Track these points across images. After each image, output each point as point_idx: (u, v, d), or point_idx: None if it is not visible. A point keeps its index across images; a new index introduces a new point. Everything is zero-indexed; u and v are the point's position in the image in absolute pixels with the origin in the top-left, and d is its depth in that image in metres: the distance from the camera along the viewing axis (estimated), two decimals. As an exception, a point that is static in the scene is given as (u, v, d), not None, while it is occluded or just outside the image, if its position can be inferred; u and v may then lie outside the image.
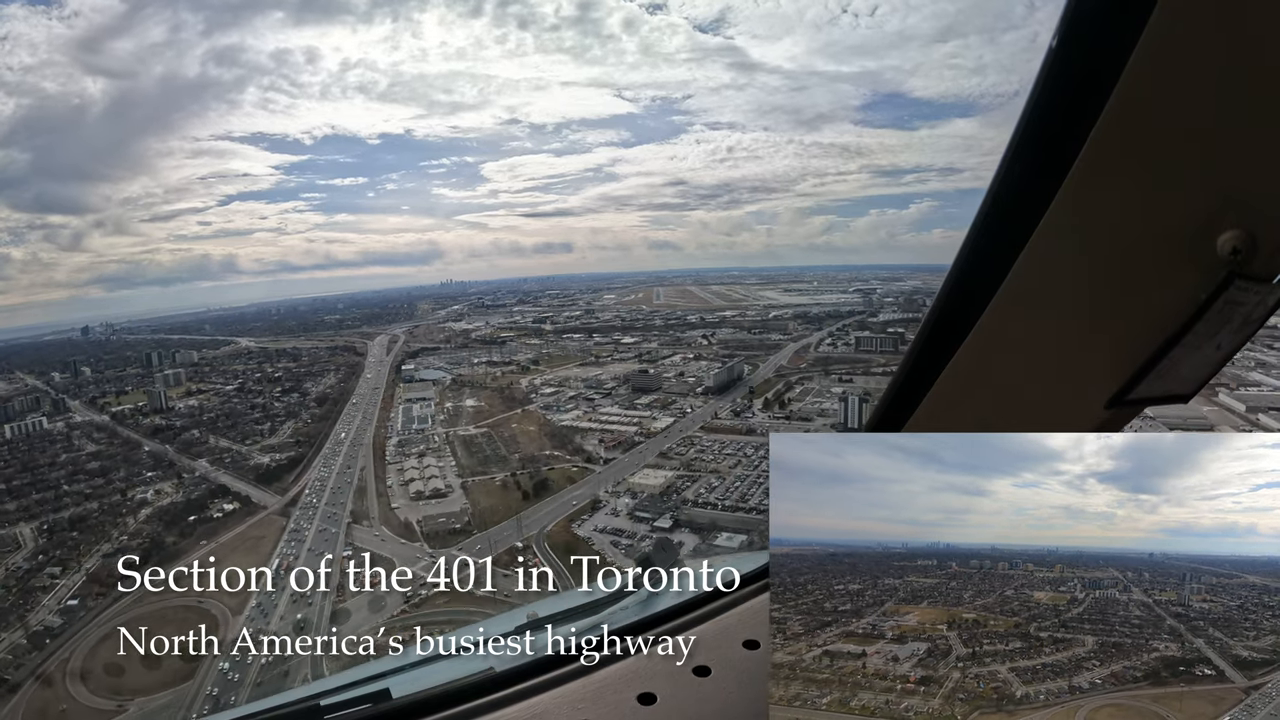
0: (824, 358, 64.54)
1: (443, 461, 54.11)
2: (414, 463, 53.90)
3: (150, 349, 72.55)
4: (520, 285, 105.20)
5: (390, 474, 52.18)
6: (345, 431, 58.90)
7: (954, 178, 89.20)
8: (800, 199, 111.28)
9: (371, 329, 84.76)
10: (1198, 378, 1.56)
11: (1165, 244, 1.40)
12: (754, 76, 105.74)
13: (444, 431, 59.35)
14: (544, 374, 69.67)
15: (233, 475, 51.49)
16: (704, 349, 71.10)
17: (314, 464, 53.52)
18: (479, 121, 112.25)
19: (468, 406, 63.77)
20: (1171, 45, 1.19)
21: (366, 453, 55.42)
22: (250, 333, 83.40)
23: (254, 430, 57.82)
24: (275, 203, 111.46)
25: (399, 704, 1.87)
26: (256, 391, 65.37)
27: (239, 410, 61.27)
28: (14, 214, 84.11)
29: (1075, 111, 1.31)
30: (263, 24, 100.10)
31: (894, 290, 76.48)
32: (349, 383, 69.58)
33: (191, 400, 63.08)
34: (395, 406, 64.68)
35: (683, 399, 61.01)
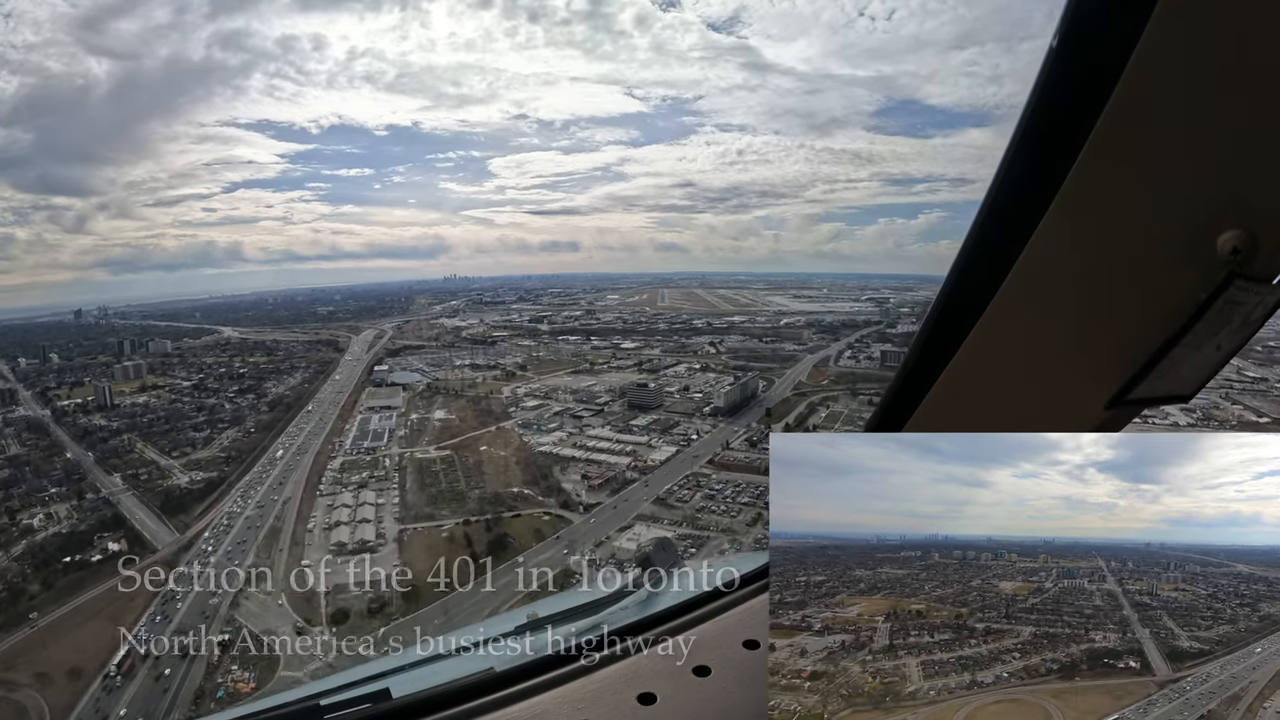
0: (847, 373, 58.14)
1: (385, 497, 43.45)
2: (349, 498, 43.42)
3: (130, 335, 70.21)
4: (523, 282, 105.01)
5: (319, 509, 42.02)
6: (287, 447, 50.73)
7: (965, 189, 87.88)
8: (809, 205, 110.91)
9: (361, 323, 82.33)
10: (1198, 378, 1.56)
11: (1165, 244, 1.40)
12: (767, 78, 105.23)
13: (399, 453, 49.83)
14: (530, 382, 62.27)
15: (140, 499, 43.50)
16: (712, 358, 64.73)
17: (234, 490, 44.87)
18: (486, 115, 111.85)
19: (435, 420, 55.16)
20: (1171, 45, 1.19)
21: (301, 478, 45.87)
22: (238, 322, 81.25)
23: (190, 439, 51.89)
24: (281, 191, 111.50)
25: (399, 704, 1.87)
26: (213, 390, 61.04)
27: (185, 412, 56.28)
28: (18, 194, 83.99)
29: (1075, 111, 1.31)
30: (269, 9, 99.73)
31: (908, 300, 73.98)
32: (315, 383, 63.77)
33: (143, 397, 58.36)
34: (354, 416, 56.55)
35: (687, 421, 51.58)
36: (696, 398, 54.73)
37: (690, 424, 50.88)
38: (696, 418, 51.73)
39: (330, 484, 45.70)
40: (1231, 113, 1.24)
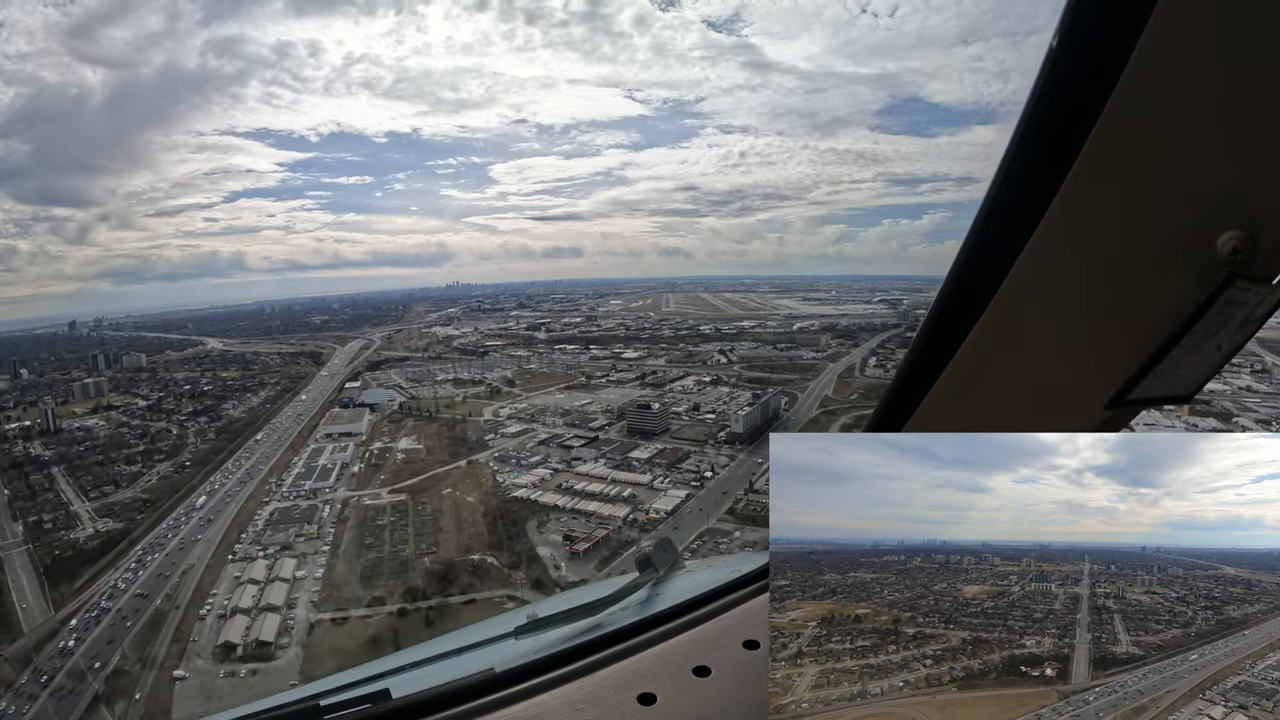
0: (876, 385, 51.23)
1: (308, 567, 34.61)
2: (262, 569, 34.63)
3: (115, 348, 68.53)
4: (526, 289, 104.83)
5: (224, 582, 33.90)
6: (215, 488, 42.99)
7: (970, 187, 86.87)
8: (813, 207, 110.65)
9: (351, 332, 79.88)
10: (1198, 378, 1.56)
11: (1165, 244, 1.41)
12: (769, 77, 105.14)
13: (345, 498, 40.61)
14: (517, 400, 54.88)
15: (28, 559, 36.76)
16: (723, 369, 57.78)
17: (136, 547, 37.72)
18: (486, 120, 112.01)
19: (398, 452, 46.74)
20: (1171, 45, 1.20)
21: (217, 534, 37.93)
22: (229, 333, 79.29)
23: (118, 474, 47.12)
24: (282, 200, 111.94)
25: (399, 704, 1.86)
26: (168, 411, 57.10)
27: (126, 439, 51.85)
28: (18, 206, 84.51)
29: (1075, 112, 1.31)
30: (262, 14, 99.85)
31: (922, 302, 69.37)
32: (279, 403, 58.31)
33: (93, 419, 54.32)
34: (308, 445, 48.86)
35: (699, 451, 42.26)
36: (709, 419, 46.80)
37: (703, 455, 42.67)
38: (710, 446, 43.65)
39: (251, 542, 37.71)
40: (1231, 113, 1.24)
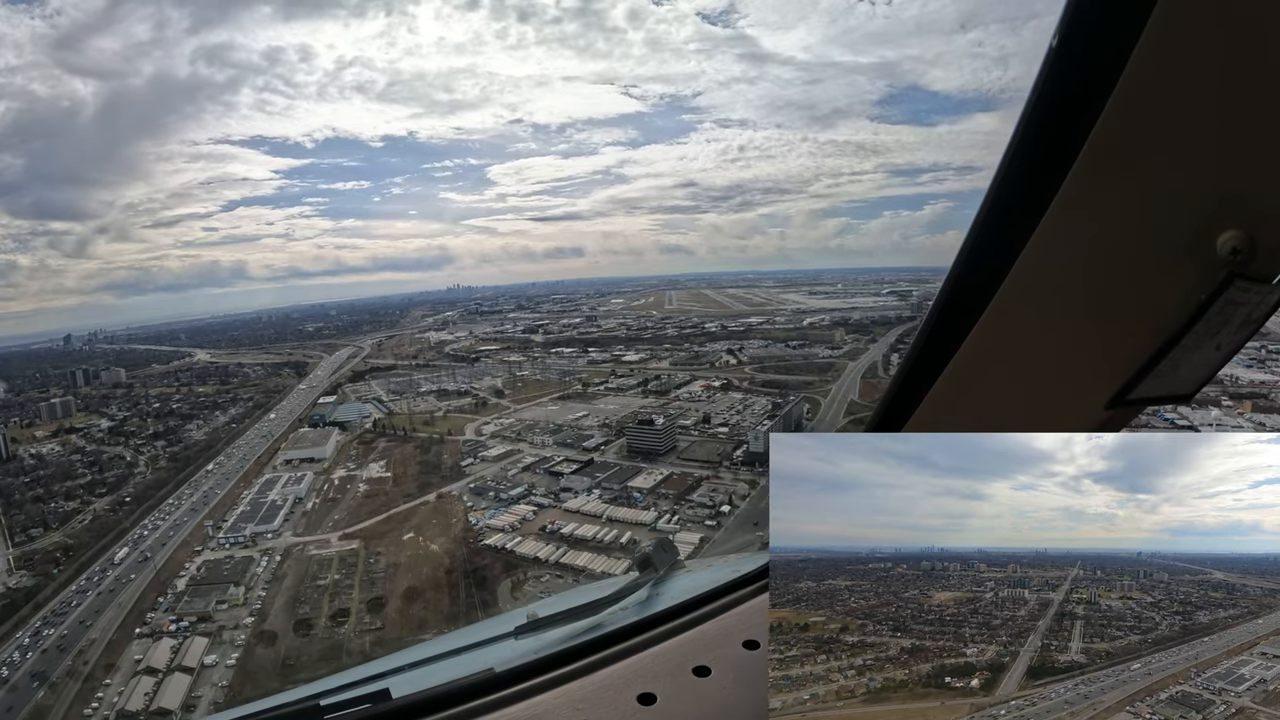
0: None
1: (219, 651, 28.44)
2: (166, 651, 28.33)
3: (100, 363, 67.36)
4: (527, 290, 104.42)
5: (124, 665, 27.83)
6: (145, 534, 37.11)
7: (971, 176, 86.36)
8: (814, 200, 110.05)
9: (342, 340, 77.20)
10: (1198, 378, 1.57)
11: (1165, 244, 1.41)
12: (766, 69, 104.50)
13: (287, 547, 34.36)
14: (504, 414, 48.86)
15: None
16: (733, 371, 51.68)
17: (39, 613, 32.19)
18: (481, 121, 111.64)
19: (360, 482, 40.47)
20: (1171, 45, 1.20)
21: (132, 596, 32.13)
22: (220, 344, 77.61)
23: (52, 511, 43.38)
24: (280, 208, 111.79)
25: (399, 704, 1.86)
26: (129, 433, 54.53)
27: (74, 469, 48.67)
28: (15, 220, 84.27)
29: (1075, 111, 1.31)
30: (250, 20, 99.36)
31: (930, 292, 68.16)
32: (247, 421, 54.98)
33: (49, 444, 51.62)
34: (265, 473, 43.79)
35: (713, 476, 34.93)
36: (721, 434, 39.60)
37: (717, 481, 35.23)
38: (725, 469, 36.01)
39: (166, 609, 31.68)
40: (1231, 112, 1.24)
